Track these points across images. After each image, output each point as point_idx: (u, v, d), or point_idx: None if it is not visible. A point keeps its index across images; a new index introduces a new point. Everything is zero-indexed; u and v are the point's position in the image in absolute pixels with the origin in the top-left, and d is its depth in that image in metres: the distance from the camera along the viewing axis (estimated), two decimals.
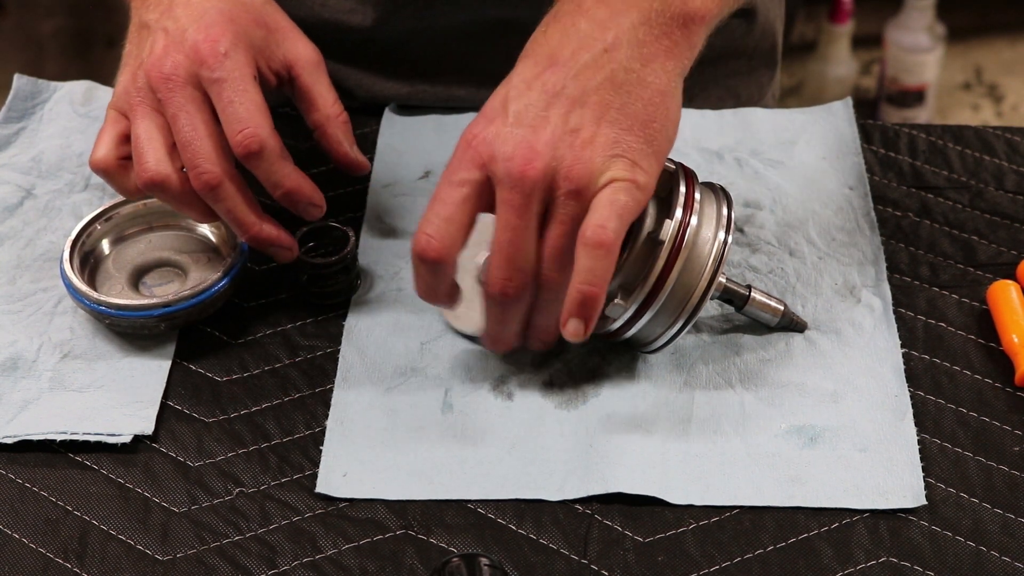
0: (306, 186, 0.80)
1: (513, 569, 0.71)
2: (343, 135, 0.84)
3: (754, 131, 0.96)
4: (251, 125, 0.77)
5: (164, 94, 0.78)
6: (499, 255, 0.71)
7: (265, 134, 0.78)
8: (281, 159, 0.79)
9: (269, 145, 0.78)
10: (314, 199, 0.81)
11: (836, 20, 2.30)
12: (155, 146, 0.78)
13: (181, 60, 0.78)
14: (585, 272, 0.70)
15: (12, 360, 0.80)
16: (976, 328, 0.83)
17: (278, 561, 0.71)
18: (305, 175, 0.81)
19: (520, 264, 0.71)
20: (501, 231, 0.71)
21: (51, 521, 0.73)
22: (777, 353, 0.81)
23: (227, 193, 0.78)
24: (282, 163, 0.79)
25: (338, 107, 0.84)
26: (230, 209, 0.79)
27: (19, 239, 0.88)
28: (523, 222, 0.71)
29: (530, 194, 0.70)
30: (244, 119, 0.77)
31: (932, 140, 0.95)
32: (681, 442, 0.76)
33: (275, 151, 0.78)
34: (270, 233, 0.80)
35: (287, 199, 0.80)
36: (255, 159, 0.78)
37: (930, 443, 0.76)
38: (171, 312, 0.80)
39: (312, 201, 0.81)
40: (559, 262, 0.71)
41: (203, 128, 0.78)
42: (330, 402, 0.79)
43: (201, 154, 0.77)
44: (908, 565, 0.71)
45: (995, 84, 2.43)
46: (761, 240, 0.88)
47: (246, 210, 0.79)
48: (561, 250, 0.71)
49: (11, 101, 0.96)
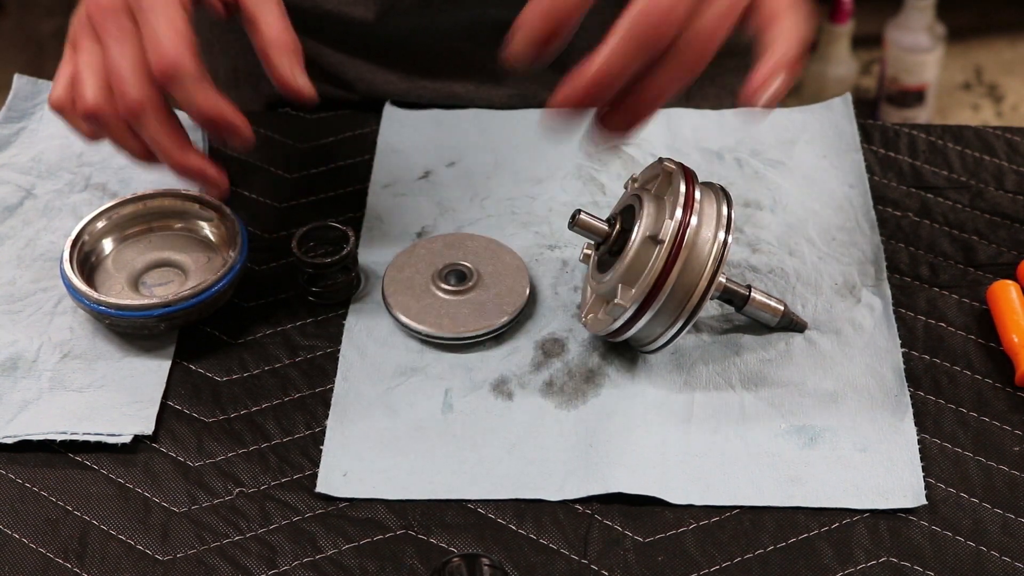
0: (227, 110, 0.78)
1: (513, 569, 0.71)
2: (285, 60, 0.79)
3: (754, 131, 0.96)
4: (168, 47, 0.75)
5: (97, 21, 0.78)
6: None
7: (180, 57, 0.75)
8: (199, 82, 0.76)
9: (184, 67, 0.76)
10: (236, 123, 0.78)
11: (836, 20, 2.30)
12: (92, 78, 0.78)
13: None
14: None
15: (12, 360, 0.80)
16: (976, 328, 0.83)
17: (278, 561, 0.71)
18: (228, 101, 0.78)
19: (678, 14, 0.67)
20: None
21: (51, 521, 0.73)
22: (777, 353, 0.81)
23: (150, 119, 0.77)
24: (199, 86, 0.77)
25: (285, 33, 0.80)
26: (153, 136, 0.77)
27: (19, 239, 0.88)
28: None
29: None
30: (161, 43, 0.76)
31: (932, 140, 0.95)
32: (681, 442, 0.76)
33: (191, 74, 0.76)
34: (195, 163, 0.79)
35: (209, 125, 0.78)
36: (171, 83, 0.76)
37: (930, 443, 0.76)
38: (171, 312, 0.80)
39: (234, 124, 0.78)
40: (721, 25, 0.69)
41: (129, 51, 0.76)
42: (330, 402, 0.79)
43: (125, 80, 0.76)
44: (908, 565, 0.71)
45: (995, 84, 2.43)
46: (761, 240, 0.88)
47: (169, 138, 0.78)
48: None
49: (11, 101, 0.96)
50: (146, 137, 0.78)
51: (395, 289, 0.83)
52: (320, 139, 0.95)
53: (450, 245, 0.86)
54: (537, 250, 0.87)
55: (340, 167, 0.94)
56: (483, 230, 0.88)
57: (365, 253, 0.87)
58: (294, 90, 0.80)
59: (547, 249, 0.87)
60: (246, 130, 0.79)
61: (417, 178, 0.93)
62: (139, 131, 0.78)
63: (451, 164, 0.94)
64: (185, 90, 0.76)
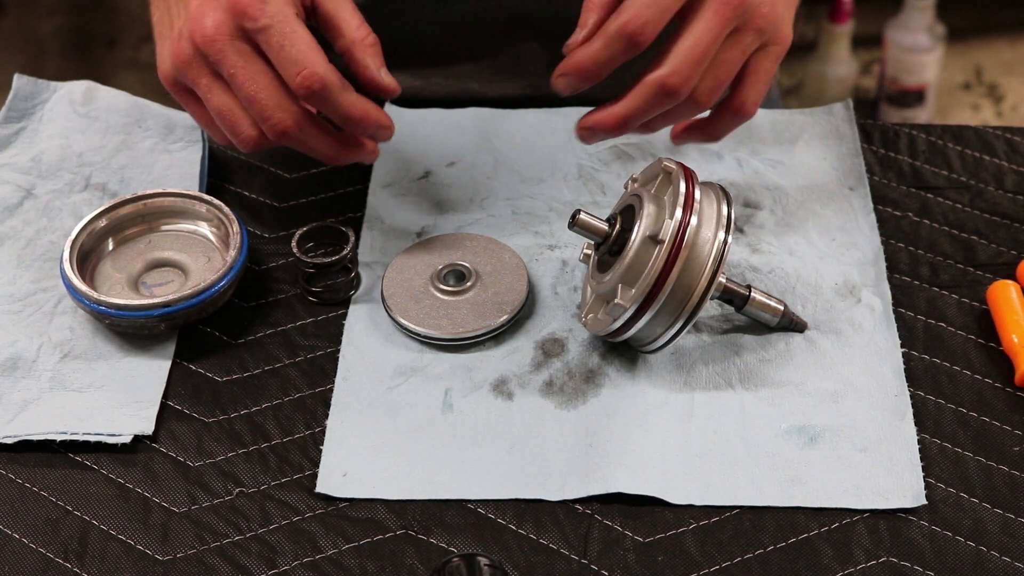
0: (372, 111, 0.79)
1: (513, 569, 0.71)
2: (370, 59, 0.81)
3: (754, 131, 0.96)
4: (307, 65, 0.76)
5: (214, 56, 0.77)
6: (692, 55, 0.76)
7: (323, 71, 0.76)
8: (343, 92, 0.78)
9: (329, 81, 0.77)
10: (382, 121, 0.80)
11: (836, 20, 2.29)
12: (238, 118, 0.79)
13: (221, 17, 0.77)
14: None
15: (12, 360, 0.80)
16: (976, 328, 0.83)
17: (278, 561, 0.71)
18: (367, 99, 0.80)
19: (700, 70, 0.76)
20: (703, 35, 0.76)
21: (51, 521, 0.73)
22: (777, 353, 0.81)
23: (304, 135, 0.79)
24: (345, 95, 0.78)
25: (364, 30, 0.81)
26: (311, 148, 0.80)
27: (19, 239, 0.88)
28: (722, 34, 0.76)
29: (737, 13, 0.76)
30: (299, 60, 0.76)
31: (932, 140, 0.95)
32: (681, 442, 0.76)
33: (335, 85, 0.77)
34: (358, 153, 0.81)
35: (356, 129, 0.80)
36: (318, 98, 0.77)
37: (930, 443, 0.76)
38: (171, 312, 0.80)
39: (380, 123, 0.80)
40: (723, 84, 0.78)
41: (262, 79, 0.77)
42: (330, 402, 0.79)
43: (267, 106, 0.77)
44: (908, 565, 0.71)
45: (995, 84, 2.43)
46: (761, 240, 0.88)
47: (327, 146, 0.80)
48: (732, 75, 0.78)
49: (11, 101, 0.96)
50: (303, 151, 0.80)
51: (394, 291, 0.83)
52: None
53: (449, 245, 0.86)
54: (537, 250, 0.87)
55: (340, 167, 0.94)
56: (483, 230, 0.88)
57: (365, 253, 0.87)
58: (381, 87, 0.81)
59: (547, 249, 0.87)
60: (389, 121, 0.81)
61: (417, 178, 0.93)
62: (296, 148, 0.80)
63: (451, 164, 0.94)
64: (333, 102, 0.78)
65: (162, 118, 0.94)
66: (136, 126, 0.94)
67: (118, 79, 2.32)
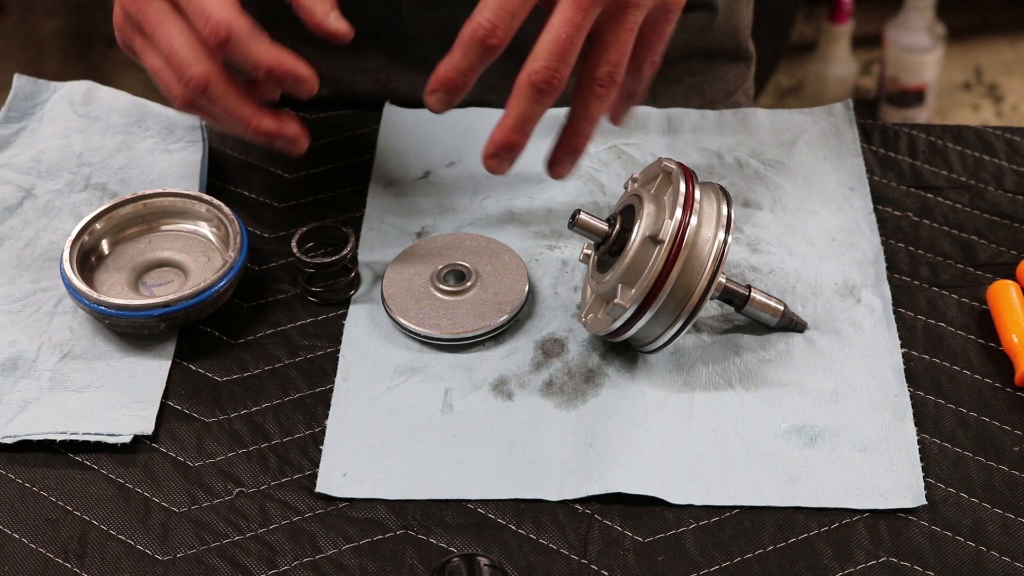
0: (287, 60, 0.77)
1: (513, 569, 0.71)
2: (317, 3, 0.77)
3: (754, 131, 0.96)
4: (215, 14, 0.75)
5: (137, 16, 0.78)
6: (554, 48, 0.75)
7: (230, 18, 0.75)
8: (253, 39, 0.76)
9: (236, 27, 0.75)
10: (299, 71, 0.77)
11: (836, 20, 2.30)
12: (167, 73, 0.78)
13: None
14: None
15: (12, 360, 0.80)
16: (976, 328, 0.83)
17: (278, 561, 0.71)
18: (285, 49, 0.77)
19: (568, 60, 0.75)
20: (562, 27, 0.75)
21: (51, 521, 0.73)
22: (777, 353, 0.81)
23: (218, 92, 0.77)
24: (256, 43, 0.76)
25: None
26: (225, 107, 0.77)
27: (19, 239, 0.88)
28: (585, 21, 0.75)
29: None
30: (205, 10, 0.75)
31: (932, 140, 0.95)
32: (681, 442, 0.76)
33: (243, 32, 0.75)
34: (270, 125, 0.78)
35: (271, 78, 0.77)
36: (228, 46, 0.75)
37: (930, 443, 0.76)
38: (171, 312, 0.80)
39: (297, 73, 0.77)
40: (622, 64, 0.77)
41: (177, 35, 0.76)
42: (330, 402, 0.79)
43: (183, 62, 0.76)
44: (908, 565, 0.71)
45: (995, 84, 2.43)
46: (761, 240, 0.88)
47: (239, 105, 0.78)
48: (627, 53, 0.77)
49: (11, 101, 0.96)
50: (217, 111, 0.78)
51: (394, 291, 0.83)
52: (320, 139, 0.95)
53: (449, 245, 0.86)
54: (537, 250, 0.87)
55: (340, 167, 0.94)
56: (483, 230, 0.88)
57: (365, 253, 0.87)
58: (329, 32, 0.78)
59: (547, 249, 0.87)
60: (311, 78, 0.78)
61: (417, 178, 0.93)
62: (209, 107, 0.78)
63: (451, 164, 0.94)
64: (243, 50, 0.76)
65: (162, 118, 0.94)
66: (136, 126, 0.94)
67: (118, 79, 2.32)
